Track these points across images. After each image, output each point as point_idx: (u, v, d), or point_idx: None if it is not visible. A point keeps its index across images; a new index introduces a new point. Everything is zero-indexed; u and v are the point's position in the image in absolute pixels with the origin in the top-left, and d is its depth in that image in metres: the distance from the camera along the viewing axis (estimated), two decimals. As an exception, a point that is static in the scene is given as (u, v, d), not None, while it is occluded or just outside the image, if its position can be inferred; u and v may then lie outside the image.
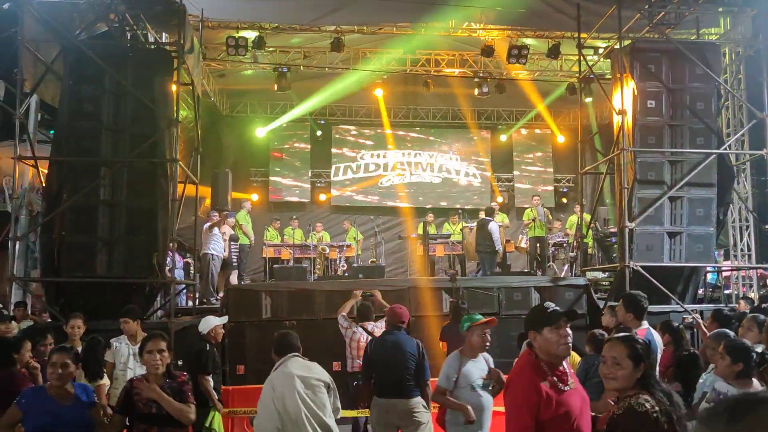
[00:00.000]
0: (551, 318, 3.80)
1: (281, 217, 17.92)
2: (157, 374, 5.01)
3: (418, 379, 6.58)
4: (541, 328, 3.79)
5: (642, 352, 3.45)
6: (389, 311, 7.14)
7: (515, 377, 3.88)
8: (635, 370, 3.40)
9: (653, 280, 11.22)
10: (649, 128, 11.90)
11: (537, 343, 3.81)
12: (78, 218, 10.51)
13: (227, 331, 8.93)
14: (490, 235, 14.22)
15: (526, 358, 3.87)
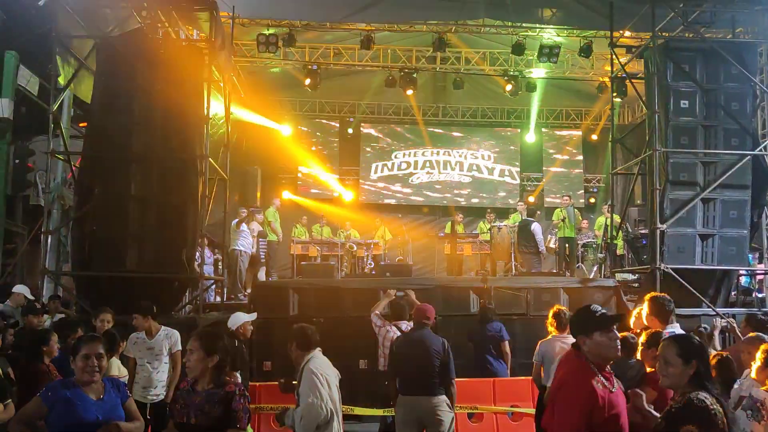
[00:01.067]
0: (602, 322, 3.90)
1: (309, 214, 17.96)
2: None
3: (443, 378, 6.54)
4: (591, 332, 3.88)
5: (692, 351, 3.59)
6: (415, 309, 7.14)
7: (570, 379, 3.90)
8: (686, 368, 3.54)
9: (684, 283, 11.07)
10: (682, 128, 11.73)
11: (587, 347, 3.89)
12: (109, 213, 10.62)
13: (256, 327, 8.93)
14: (533, 236, 14.26)
15: (576, 360, 3.93)
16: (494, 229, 15.32)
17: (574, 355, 3.97)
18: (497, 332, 9.29)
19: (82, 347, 4.37)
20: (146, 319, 7.45)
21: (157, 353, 7.39)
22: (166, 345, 7.43)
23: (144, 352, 7.39)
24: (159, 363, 7.37)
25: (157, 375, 7.35)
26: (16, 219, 16.85)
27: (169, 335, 7.50)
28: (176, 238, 10.75)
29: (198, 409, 4.08)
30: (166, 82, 10.75)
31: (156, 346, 7.41)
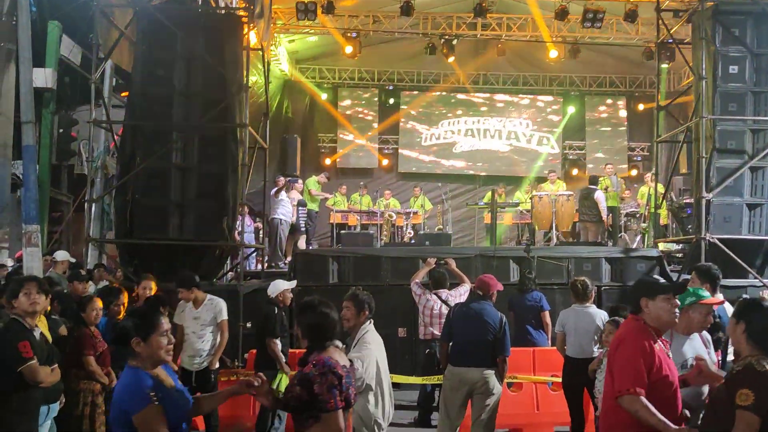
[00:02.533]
0: (666, 288, 4.08)
1: (348, 183, 17.96)
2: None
3: (495, 352, 6.50)
4: (654, 295, 4.01)
5: (742, 309, 3.73)
6: (478, 280, 7.05)
7: (628, 336, 4.01)
8: (737, 325, 3.67)
9: (730, 253, 10.83)
10: (730, 95, 11.39)
11: (648, 309, 4.02)
12: (150, 182, 10.72)
13: (296, 295, 9.00)
14: (597, 204, 14.12)
15: (634, 323, 4.07)
16: (535, 198, 15.16)
17: (633, 319, 4.11)
18: (537, 302, 9.22)
19: (158, 323, 3.54)
20: (190, 291, 7.42)
21: (203, 323, 7.37)
22: (211, 314, 7.42)
23: (190, 321, 7.39)
24: (205, 332, 7.37)
25: (202, 344, 7.34)
26: (62, 188, 17.20)
27: (214, 304, 7.48)
28: (217, 206, 10.82)
29: (287, 387, 3.83)
30: (206, 51, 10.76)
31: (202, 316, 7.40)
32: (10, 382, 4.94)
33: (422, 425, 8.38)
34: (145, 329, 3.44)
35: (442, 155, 20.92)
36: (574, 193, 15.34)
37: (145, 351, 3.42)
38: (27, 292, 5.05)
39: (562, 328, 7.20)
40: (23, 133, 11.46)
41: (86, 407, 6.00)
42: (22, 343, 4.93)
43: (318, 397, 3.59)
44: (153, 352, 3.44)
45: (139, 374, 3.37)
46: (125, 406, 3.29)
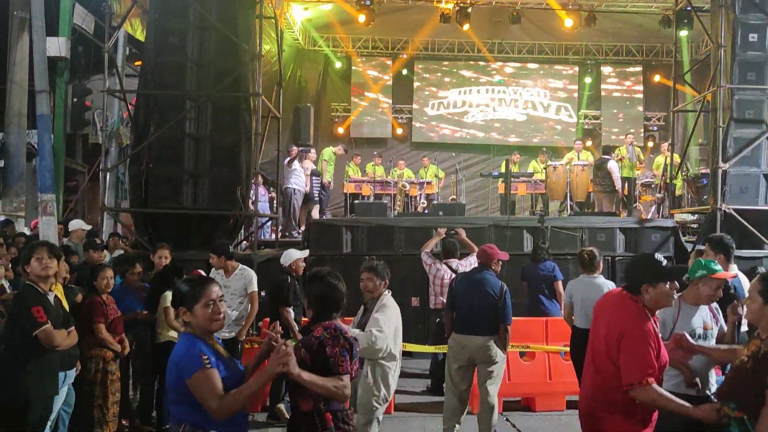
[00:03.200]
0: (671, 274, 3.98)
1: (362, 152, 17.92)
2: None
3: (496, 320, 6.56)
4: (657, 282, 3.90)
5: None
6: (479, 250, 7.11)
7: (634, 324, 3.86)
8: (765, 306, 3.64)
9: (746, 224, 10.76)
10: (749, 63, 11.23)
11: (649, 295, 3.90)
12: (164, 151, 10.74)
13: (309, 264, 9.03)
14: (610, 174, 14.05)
15: (635, 309, 3.91)
16: (549, 168, 15.08)
17: (631, 300, 3.95)
18: (550, 272, 9.20)
19: (206, 289, 3.43)
20: (220, 258, 7.41)
21: (233, 292, 7.33)
22: (241, 284, 7.41)
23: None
24: (234, 302, 7.33)
25: (230, 312, 7.24)
26: (76, 157, 17.29)
27: (245, 275, 7.48)
28: (230, 175, 10.83)
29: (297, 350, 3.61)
30: (219, 20, 10.69)
31: (232, 285, 7.36)
32: (27, 347, 5.02)
33: (435, 393, 8.44)
34: (190, 299, 3.40)
35: (456, 125, 20.80)
36: (590, 164, 15.25)
37: (192, 320, 3.39)
38: (39, 257, 5.10)
39: (570, 298, 7.21)
40: (37, 103, 11.49)
41: (98, 374, 6.08)
42: (35, 308, 5.00)
43: (330, 360, 3.57)
44: (199, 322, 3.39)
45: (192, 340, 3.36)
46: (179, 371, 3.26)
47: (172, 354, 3.35)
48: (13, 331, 5.12)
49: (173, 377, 3.30)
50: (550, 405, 8.02)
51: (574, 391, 8.01)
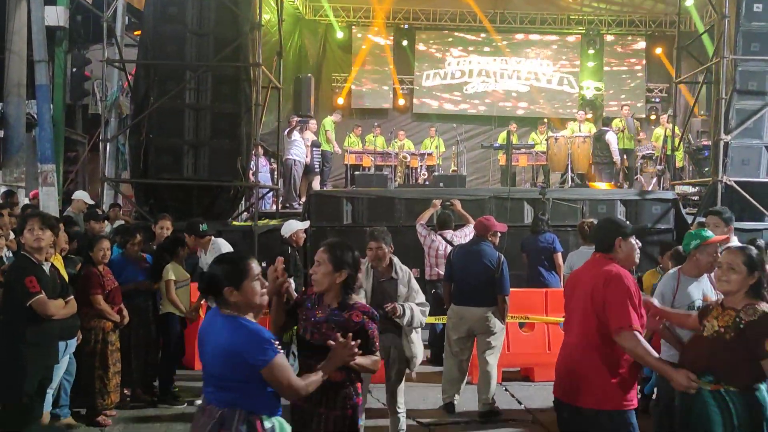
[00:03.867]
0: (635, 231, 4.22)
1: (363, 123, 17.85)
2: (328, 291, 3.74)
3: (495, 291, 6.61)
4: (628, 236, 4.12)
5: (757, 261, 3.76)
6: (477, 222, 7.15)
7: (618, 275, 3.97)
8: (748, 277, 3.72)
9: (747, 196, 10.75)
10: (753, 34, 11.12)
11: (621, 249, 4.09)
12: (164, 121, 10.72)
13: (309, 235, 9.06)
14: (608, 146, 14.03)
15: (611, 261, 4.07)
16: (551, 139, 15.03)
17: (606, 260, 4.09)
18: (549, 243, 9.23)
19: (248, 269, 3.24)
20: (190, 237, 7.24)
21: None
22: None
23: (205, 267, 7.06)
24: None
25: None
26: (77, 127, 17.22)
27: (215, 248, 7.17)
28: (231, 146, 10.82)
29: (315, 326, 3.69)
30: (218, -12, 10.61)
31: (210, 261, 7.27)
32: (22, 317, 5.06)
33: (434, 364, 8.51)
34: (237, 277, 3.20)
35: (457, 96, 20.69)
36: (591, 135, 15.19)
37: (240, 299, 3.20)
38: (30, 228, 5.10)
39: (571, 269, 7.22)
40: (36, 72, 11.43)
41: (98, 345, 6.12)
42: (28, 278, 5.03)
43: (370, 340, 3.66)
44: (248, 299, 3.21)
45: (248, 322, 3.20)
46: (242, 358, 3.10)
47: (225, 341, 3.14)
48: (9, 302, 5.16)
49: (229, 364, 3.13)
50: (549, 375, 7.94)
51: (573, 362, 8.12)
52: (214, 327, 3.22)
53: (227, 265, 3.27)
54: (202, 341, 3.29)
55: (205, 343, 3.25)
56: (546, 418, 6.74)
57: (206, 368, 3.27)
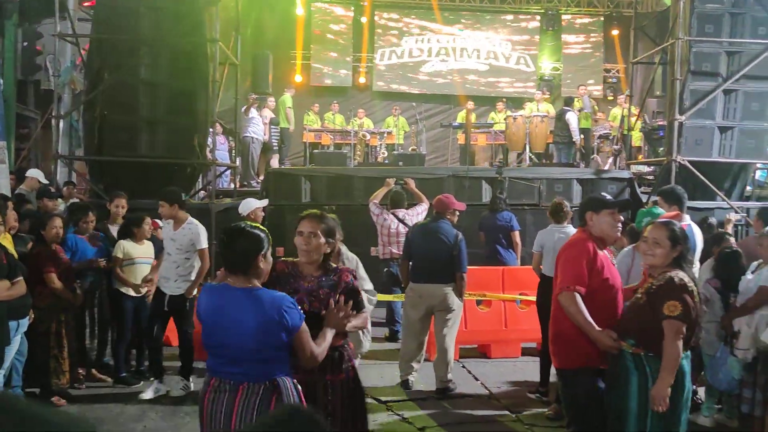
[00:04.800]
0: (611, 203, 4.38)
1: (321, 101, 17.72)
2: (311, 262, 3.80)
3: (452, 269, 6.66)
4: (599, 210, 4.30)
5: (680, 235, 3.95)
6: (436, 200, 7.18)
7: (573, 242, 4.38)
8: (672, 251, 3.90)
9: (700, 176, 10.98)
10: (707, 16, 11.31)
11: (593, 222, 4.31)
12: (119, 97, 10.53)
13: (267, 213, 8.99)
14: (568, 125, 14.11)
15: (581, 234, 4.39)
16: (509, 119, 15.12)
17: (580, 231, 4.44)
18: (507, 222, 9.33)
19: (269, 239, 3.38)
20: (172, 207, 6.67)
21: (179, 247, 6.69)
22: (187, 239, 6.70)
23: (167, 242, 6.78)
24: (179, 257, 6.69)
25: (176, 269, 6.69)
26: (28, 104, 16.79)
27: (192, 229, 6.73)
28: (187, 123, 10.69)
29: (311, 295, 3.70)
30: (174, -38, 10.42)
31: (178, 239, 6.70)
32: None
33: (392, 341, 8.59)
34: (265, 245, 3.28)
35: (416, 74, 20.64)
36: (549, 115, 15.32)
37: (265, 267, 3.29)
38: None
39: (541, 248, 7.24)
40: (-15, 46, 11.11)
41: (52, 324, 6.03)
42: None
43: (359, 298, 3.83)
44: (269, 267, 3.35)
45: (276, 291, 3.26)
46: (289, 323, 3.12)
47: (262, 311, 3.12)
48: None
49: (269, 334, 3.13)
50: (506, 352, 8.19)
51: (529, 339, 8.27)
52: (236, 302, 3.18)
53: (251, 235, 3.26)
54: (217, 320, 3.21)
55: (225, 320, 3.18)
56: (502, 394, 6.86)
57: (230, 346, 3.17)
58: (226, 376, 3.19)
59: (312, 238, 3.74)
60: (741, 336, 5.35)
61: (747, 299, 5.32)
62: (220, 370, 3.23)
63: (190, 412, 6.13)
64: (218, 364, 3.24)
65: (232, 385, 3.16)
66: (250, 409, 3.11)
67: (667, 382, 3.71)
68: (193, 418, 6.00)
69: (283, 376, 3.18)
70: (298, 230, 3.79)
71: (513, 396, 6.78)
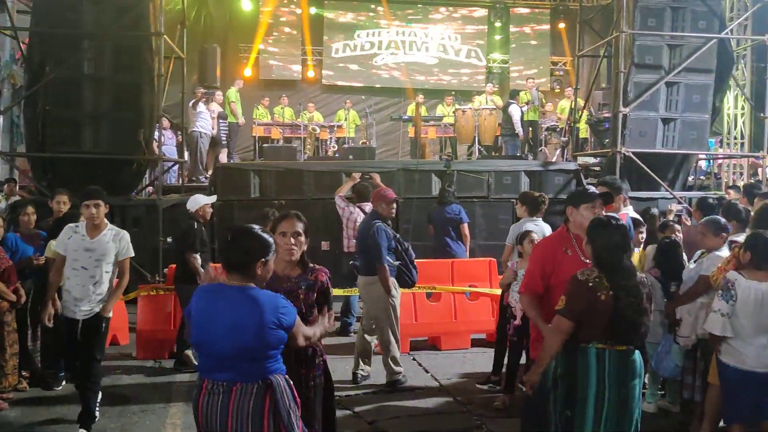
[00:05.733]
0: (589, 197, 4.38)
1: (271, 95, 17.56)
2: (291, 262, 3.89)
3: (372, 261, 6.64)
4: (579, 204, 4.35)
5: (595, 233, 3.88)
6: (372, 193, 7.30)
7: (539, 244, 4.66)
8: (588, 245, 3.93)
9: (644, 167, 11.20)
10: (650, 10, 11.56)
11: (572, 218, 4.38)
12: (62, 92, 10.34)
13: (216, 209, 8.93)
14: (511, 118, 14.24)
15: (558, 231, 4.56)
16: (459, 112, 15.20)
17: (562, 227, 4.53)
18: (456, 214, 9.39)
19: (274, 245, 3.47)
20: (106, 207, 5.63)
21: (98, 256, 5.51)
22: (109, 248, 5.55)
23: (80, 252, 5.49)
24: (98, 270, 5.51)
25: (94, 285, 5.50)
26: (-34, 98, 16.31)
27: (118, 237, 5.61)
28: (133, 118, 10.53)
29: (291, 295, 3.68)
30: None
31: (97, 248, 5.52)
32: None
33: (345, 335, 8.58)
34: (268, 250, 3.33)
35: (366, 67, 20.60)
36: (498, 107, 15.45)
37: (264, 272, 3.32)
38: None
39: (512, 241, 7.22)
40: None
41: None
42: None
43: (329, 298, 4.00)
44: (270, 271, 3.39)
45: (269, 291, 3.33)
46: (285, 321, 3.21)
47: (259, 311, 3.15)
48: None
49: (266, 333, 3.16)
50: (456, 344, 8.25)
51: (479, 329, 8.36)
52: (231, 302, 3.19)
53: (259, 238, 3.31)
54: (208, 322, 3.21)
55: (220, 320, 3.18)
56: (452, 385, 6.91)
57: (225, 347, 3.17)
58: (219, 378, 3.21)
59: (297, 237, 3.84)
60: (683, 324, 5.47)
61: (689, 288, 5.45)
62: (212, 372, 3.24)
63: (138, 412, 6.07)
64: (210, 366, 3.25)
65: (225, 386, 3.18)
66: (245, 410, 3.15)
67: (536, 370, 3.94)
68: (141, 418, 5.94)
69: (276, 374, 3.24)
70: (280, 231, 3.81)
71: (463, 387, 6.83)
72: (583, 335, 3.74)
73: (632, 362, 3.74)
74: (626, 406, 3.71)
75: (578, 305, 3.72)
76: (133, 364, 7.58)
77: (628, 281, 3.73)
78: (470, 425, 5.84)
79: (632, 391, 3.73)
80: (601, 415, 3.69)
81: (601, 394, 3.69)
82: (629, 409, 3.73)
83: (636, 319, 3.72)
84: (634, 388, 3.74)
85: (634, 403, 3.75)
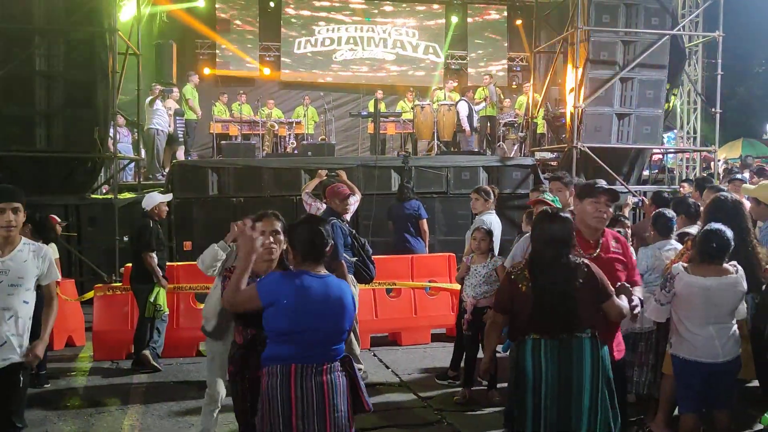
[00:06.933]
0: (593, 192, 4.27)
1: (229, 91, 17.39)
2: (271, 261, 3.83)
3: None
4: (583, 198, 4.30)
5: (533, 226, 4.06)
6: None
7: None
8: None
9: (599, 161, 11.36)
10: (604, 6, 11.74)
11: (576, 210, 4.37)
12: (13, 89, 10.17)
13: (173, 207, 8.85)
14: (458, 114, 14.43)
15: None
16: (417, 108, 15.24)
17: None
18: (415, 210, 9.42)
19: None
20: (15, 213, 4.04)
21: (13, 282, 4.04)
22: (26, 269, 4.10)
23: None
24: (14, 300, 4.04)
25: (7, 322, 4.01)
26: None
27: (39, 254, 4.18)
28: (87, 115, 10.38)
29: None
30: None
31: (12, 270, 4.05)
32: None
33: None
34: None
35: (325, 63, 20.52)
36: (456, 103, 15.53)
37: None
38: None
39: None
40: None
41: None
42: None
43: None
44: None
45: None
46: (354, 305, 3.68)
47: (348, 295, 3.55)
48: None
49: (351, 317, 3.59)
50: (416, 339, 8.29)
51: (438, 324, 8.41)
52: (327, 290, 3.46)
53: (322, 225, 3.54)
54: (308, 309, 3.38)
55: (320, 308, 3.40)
56: (412, 380, 6.94)
57: (324, 330, 3.43)
58: (310, 360, 3.39)
59: (276, 236, 3.85)
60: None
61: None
62: (302, 358, 3.38)
63: (95, 414, 5.98)
64: (302, 349, 3.39)
65: (316, 368, 3.39)
66: (339, 384, 3.42)
67: (484, 363, 4.13)
68: (98, 420, 5.85)
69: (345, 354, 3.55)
70: (259, 230, 3.73)
71: (423, 382, 6.87)
72: (521, 327, 3.82)
73: (575, 350, 3.74)
74: (569, 395, 3.72)
75: (503, 297, 3.93)
76: (89, 366, 7.48)
77: (554, 271, 3.76)
78: (431, 420, 5.88)
79: (579, 380, 3.73)
80: (540, 403, 3.74)
81: (538, 383, 3.73)
82: (575, 398, 3.72)
83: (560, 308, 3.71)
84: (582, 377, 3.73)
85: (583, 391, 3.72)
